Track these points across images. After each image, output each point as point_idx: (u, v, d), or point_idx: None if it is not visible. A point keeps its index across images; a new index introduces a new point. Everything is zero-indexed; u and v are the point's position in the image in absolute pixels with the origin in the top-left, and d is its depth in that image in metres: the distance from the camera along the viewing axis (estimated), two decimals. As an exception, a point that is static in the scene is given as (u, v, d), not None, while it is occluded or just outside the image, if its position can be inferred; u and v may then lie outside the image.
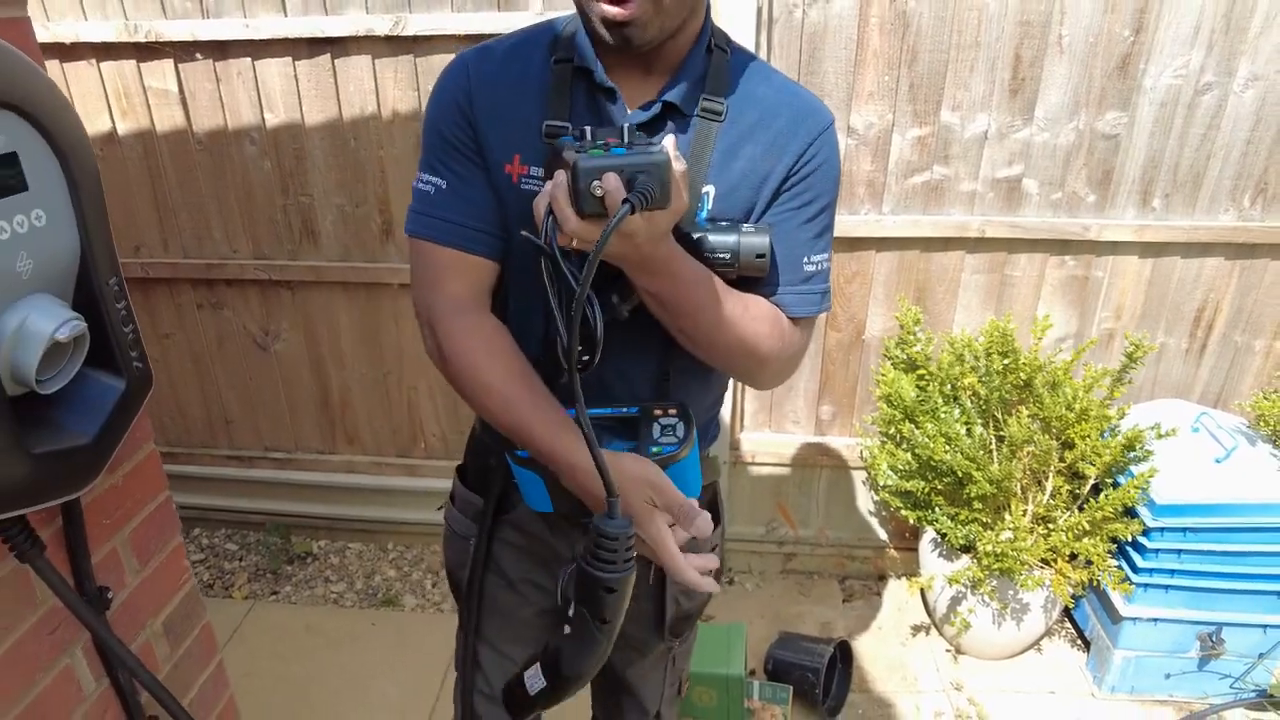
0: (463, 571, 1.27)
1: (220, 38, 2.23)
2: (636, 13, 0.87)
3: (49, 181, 0.84)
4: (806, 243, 1.04)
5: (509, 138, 1.01)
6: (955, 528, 2.17)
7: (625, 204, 0.77)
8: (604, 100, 0.99)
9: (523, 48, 1.04)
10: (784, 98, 1.03)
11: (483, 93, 1.01)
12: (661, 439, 1.00)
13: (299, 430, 2.74)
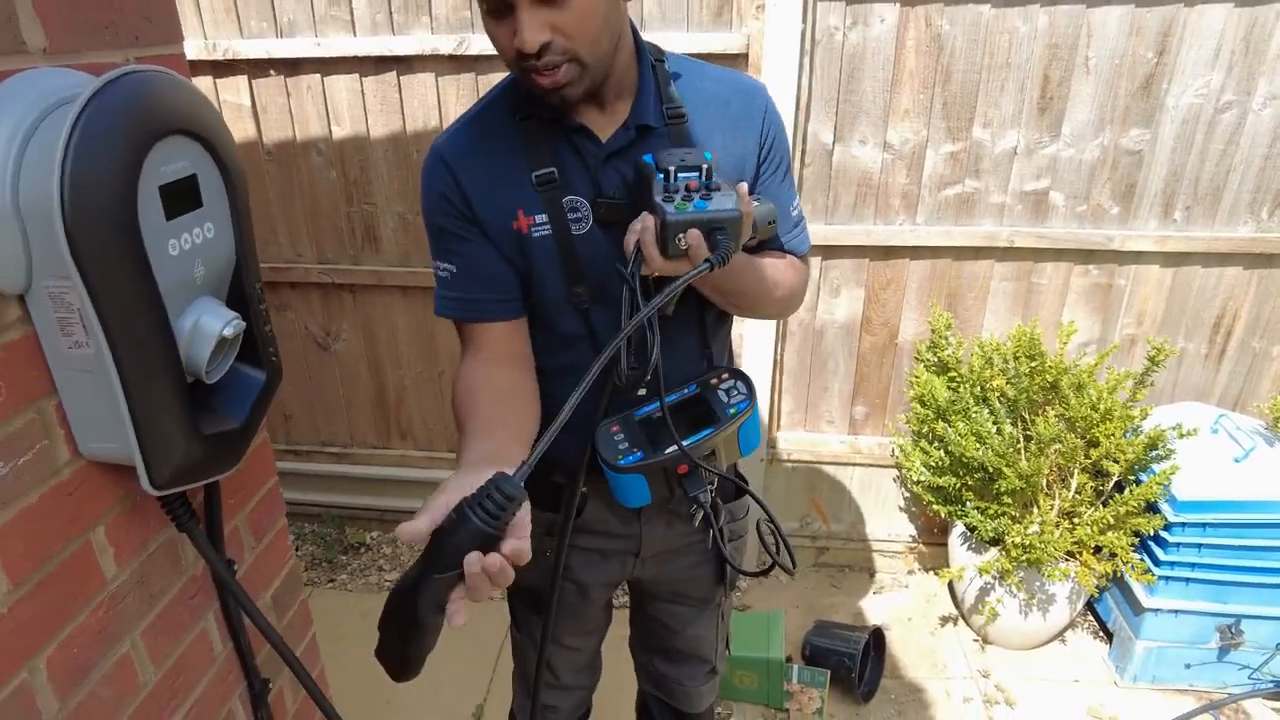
0: (538, 582, 1.34)
1: (292, 55, 2.38)
2: (562, 79, 0.99)
3: (216, 197, 0.97)
4: (787, 194, 1.24)
5: (505, 200, 1.12)
6: (985, 521, 2.29)
7: (706, 263, 0.94)
8: (579, 138, 1.11)
9: (486, 115, 1.15)
10: (726, 86, 1.18)
11: (465, 175, 1.11)
12: (732, 400, 1.16)
13: (355, 426, 2.88)
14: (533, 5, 0.94)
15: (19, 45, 0.81)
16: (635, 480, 1.16)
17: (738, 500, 1.40)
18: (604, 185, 1.11)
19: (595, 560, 1.37)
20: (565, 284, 1.15)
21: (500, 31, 0.98)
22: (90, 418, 0.89)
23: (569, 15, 0.95)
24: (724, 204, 0.96)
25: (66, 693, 0.93)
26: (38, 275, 0.81)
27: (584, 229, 1.13)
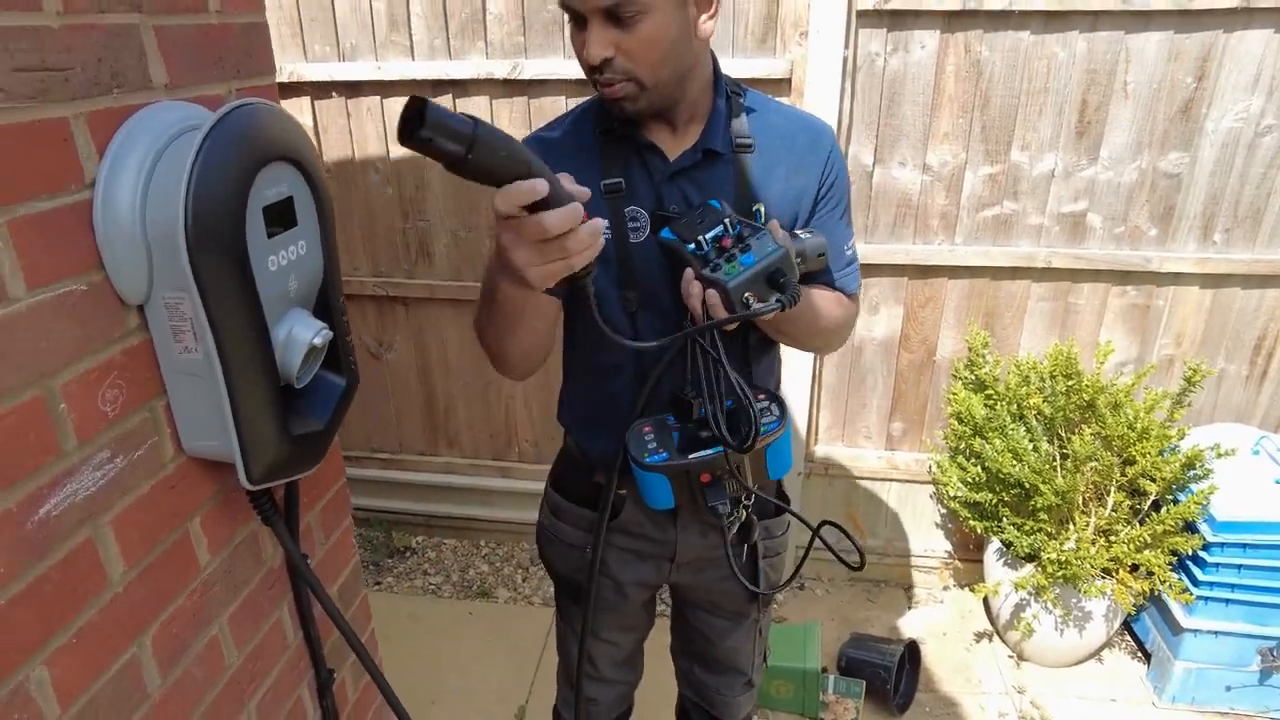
0: (576, 575, 1.46)
1: (354, 79, 2.50)
2: (620, 93, 1.10)
3: (308, 217, 1.06)
4: (843, 233, 1.30)
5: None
6: (1021, 537, 2.31)
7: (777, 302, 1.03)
8: (648, 154, 1.21)
9: (575, 124, 1.27)
10: (794, 123, 1.26)
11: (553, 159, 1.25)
12: (764, 420, 1.20)
13: (404, 433, 2.99)
14: (602, 24, 1.04)
15: (146, 82, 0.91)
16: (658, 480, 1.22)
17: (776, 518, 1.43)
18: (665, 200, 1.20)
19: (631, 560, 1.43)
20: (617, 287, 1.24)
21: (578, 41, 1.10)
22: (194, 417, 0.99)
23: (633, 40, 1.05)
24: (765, 248, 1.03)
25: (166, 669, 1.01)
26: (157, 287, 0.90)
27: (640, 238, 1.22)
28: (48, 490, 0.82)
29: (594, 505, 1.38)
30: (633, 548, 1.43)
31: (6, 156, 0.75)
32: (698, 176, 1.20)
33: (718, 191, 1.20)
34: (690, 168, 1.20)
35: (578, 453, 1.45)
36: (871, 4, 2.21)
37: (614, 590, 1.46)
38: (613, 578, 1.45)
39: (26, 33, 0.76)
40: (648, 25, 1.04)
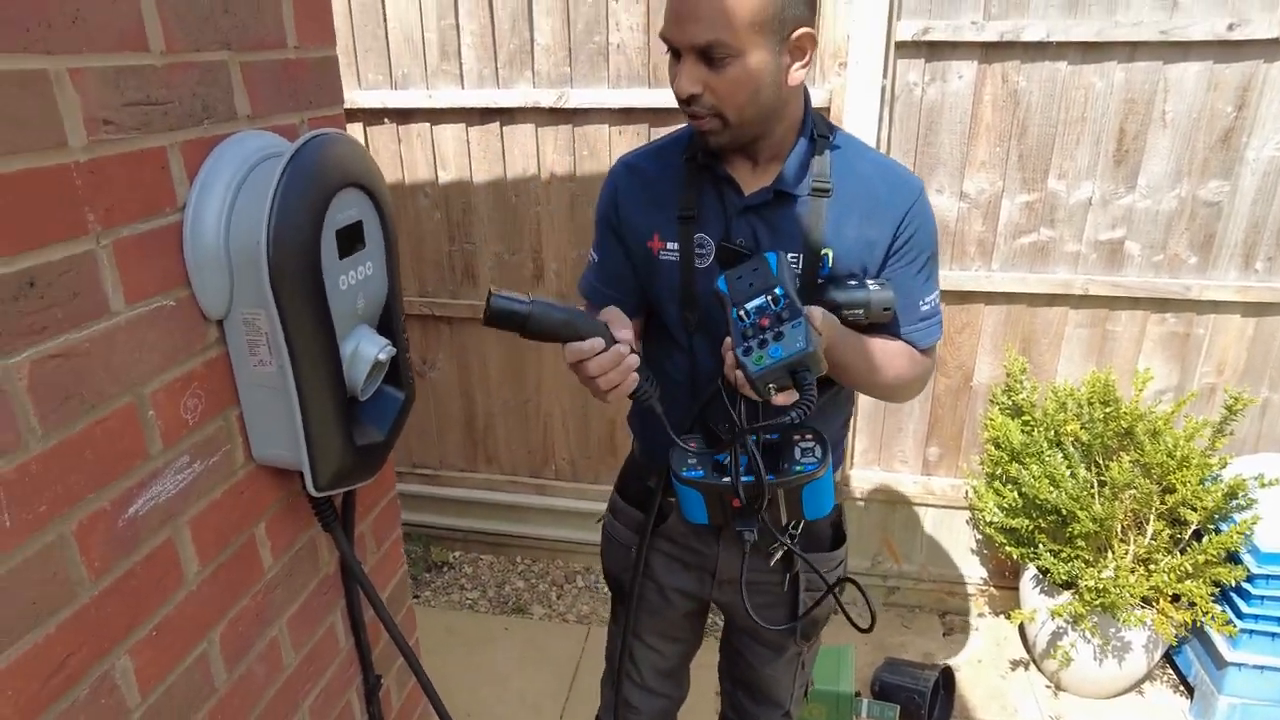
0: (623, 575, 1.52)
1: (405, 106, 2.60)
2: (705, 127, 1.16)
3: (375, 240, 1.12)
4: (920, 288, 1.29)
5: (649, 223, 1.30)
6: (1058, 564, 2.30)
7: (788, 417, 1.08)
8: (725, 187, 1.26)
9: (665, 149, 1.34)
10: (880, 172, 1.26)
11: (624, 194, 1.34)
12: (803, 460, 1.21)
13: (445, 449, 3.05)
14: (695, 61, 1.10)
15: (232, 113, 0.99)
16: (693, 495, 1.26)
17: (825, 553, 1.42)
18: (733, 233, 1.25)
19: (676, 567, 1.48)
20: (679, 306, 1.30)
21: (673, 71, 1.15)
22: (264, 427, 1.05)
23: (721, 80, 1.10)
24: (794, 344, 1.07)
25: (232, 665, 1.07)
26: (236, 304, 0.97)
27: (705, 264, 1.27)
28: (136, 491, 0.89)
29: (644, 508, 1.44)
30: (676, 555, 1.47)
31: (115, 182, 0.82)
32: (768, 215, 1.24)
33: (787, 232, 1.23)
34: (761, 206, 1.23)
35: (638, 453, 1.51)
36: (910, 36, 2.26)
37: (657, 593, 1.50)
38: (656, 580, 1.49)
39: (136, 71, 0.83)
40: (737, 69, 1.09)
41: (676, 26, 1.10)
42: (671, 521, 1.44)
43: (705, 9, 1.06)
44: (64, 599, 0.80)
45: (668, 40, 1.13)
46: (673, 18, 1.10)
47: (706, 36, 1.07)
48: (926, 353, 1.35)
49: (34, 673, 0.77)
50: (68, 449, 0.79)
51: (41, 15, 0.72)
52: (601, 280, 1.39)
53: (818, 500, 1.24)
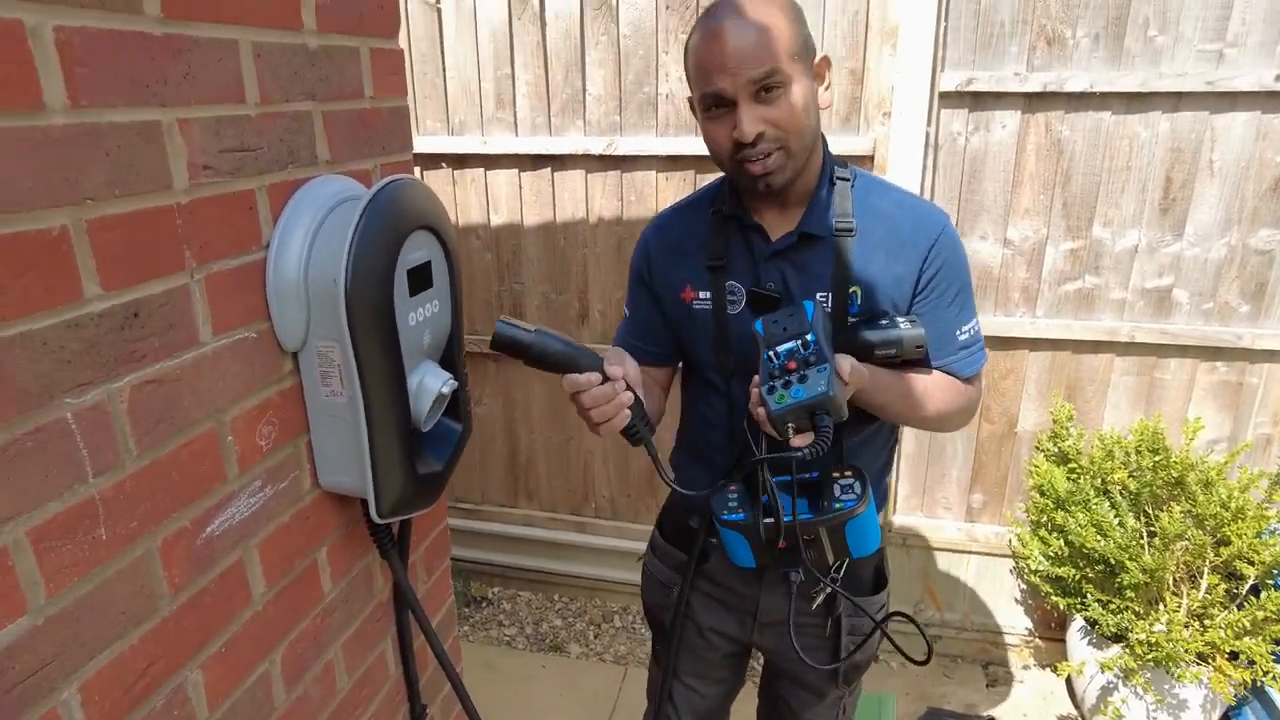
0: (664, 614, 1.53)
1: (460, 151, 2.70)
2: (772, 165, 1.17)
3: (442, 279, 1.17)
4: (954, 319, 1.30)
5: (680, 276, 1.35)
6: (1107, 616, 2.25)
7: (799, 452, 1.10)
8: (752, 235, 1.30)
9: (694, 205, 1.39)
10: (903, 209, 1.29)
11: (656, 251, 1.39)
12: (842, 496, 1.22)
13: (487, 484, 3.10)
14: (751, 102, 1.14)
15: (314, 159, 1.06)
16: (738, 539, 1.27)
17: (868, 597, 1.41)
18: (763, 277, 1.28)
19: (716, 608, 1.48)
20: (714, 352, 1.34)
21: (719, 129, 1.18)
22: (332, 455, 1.10)
23: (779, 111, 1.14)
24: (815, 388, 1.10)
25: (291, 686, 1.11)
26: (312, 336, 1.03)
27: (737, 310, 1.31)
28: (214, 512, 0.94)
29: (686, 547, 1.45)
30: (717, 596, 1.48)
31: (209, 222, 0.88)
32: (796, 258, 1.27)
33: (815, 273, 1.26)
34: (788, 249, 1.27)
35: (679, 495, 1.51)
36: (954, 86, 2.30)
37: (696, 633, 1.51)
38: (696, 621, 1.50)
39: (233, 121, 0.90)
40: (791, 96, 1.14)
41: (728, 75, 1.12)
42: (713, 562, 1.45)
43: (755, 45, 1.11)
44: (147, 611, 0.85)
45: (719, 93, 1.14)
46: (720, 68, 1.13)
47: (762, 68, 1.11)
48: (971, 381, 1.35)
49: (118, 680, 0.82)
50: (157, 470, 0.85)
51: (160, 72, 0.80)
52: (633, 334, 1.44)
53: (862, 538, 1.24)
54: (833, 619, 1.41)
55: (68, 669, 0.76)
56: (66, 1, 0.70)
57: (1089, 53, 2.22)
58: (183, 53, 0.83)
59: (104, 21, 0.74)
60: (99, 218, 0.75)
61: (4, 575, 0.68)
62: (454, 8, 2.59)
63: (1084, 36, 2.21)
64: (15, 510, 0.69)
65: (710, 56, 1.14)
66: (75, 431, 0.75)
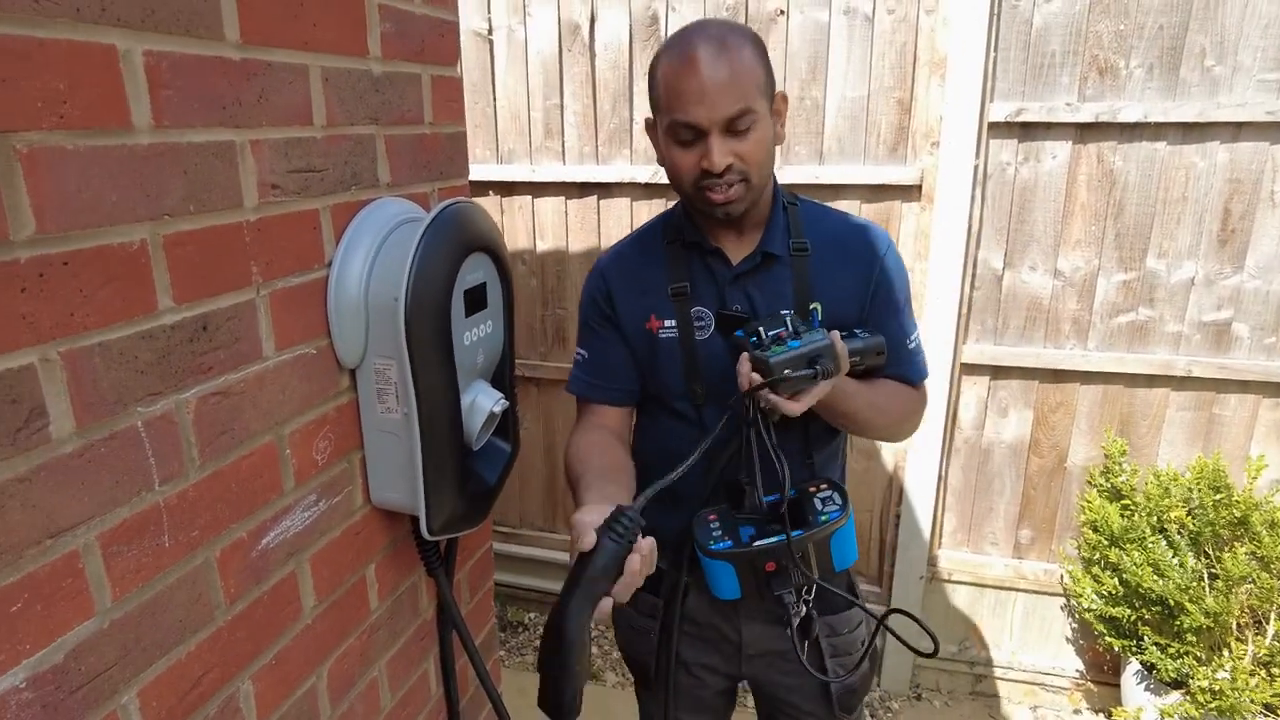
0: (647, 659, 1.48)
1: (509, 179, 2.75)
2: (734, 195, 1.20)
3: (496, 301, 1.19)
4: (902, 328, 1.35)
5: (644, 306, 1.34)
6: (1165, 660, 2.17)
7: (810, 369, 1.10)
8: (713, 260, 1.31)
9: (644, 238, 1.39)
10: (849, 228, 1.35)
11: (617, 285, 1.37)
12: (825, 509, 1.23)
13: (525, 508, 3.10)
14: (722, 135, 1.16)
15: (375, 181, 1.08)
16: (724, 568, 1.24)
17: (841, 614, 1.40)
18: (728, 300, 1.30)
19: (700, 646, 1.45)
20: (684, 380, 1.33)
21: (685, 156, 1.19)
22: (384, 471, 1.11)
23: (747, 145, 1.17)
24: (813, 337, 1.12)
25: (336, 701, 1.11)
26: (370, 354, 1.05)
27: (706, 335, 1.31)
28: (270, 524, 0.95)
29: (658, 591, 1.41)
30: (699, 635, 1.45)
31: (276, 239, 0.91)
32: (758, 278, 1.29)
33: (777, 292, 1.29)
34: (751, 270, 1.29)
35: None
36: (1003, 117, 2.29)
37: (685, 673, 1.48)
38: (682, 660, 1.46)
39: (301, 142, 0.93)
40: (759, 131, 1.17)
41: (704, 107, 1.13)
42: (691, 601, 1.41)
43: (731, 83, 1.13)
44: (204, 620, 0.86)
45: (693, 124, 1.15)
46: (697, 100, 1.13)
47: (737, 107, 1.13)
48: (919, 388, 1.41)
49: (174, 687, 0.83)
50: (218, 480, 0.87)
51: (235, 94, 0.83)
52: (592, 374, 1.42)
53: (844, 549, 1.25)
54: (809, 641, 1.37)
55: (128, 673, 0.77)
56: (156, 27, 0.73)
57: (1143, 83, 2.20)
58: (257, 76, 0.86)
59: (189, 46, 0.77)
60: (175, 233, 0.78)
61: (74, 578, 0.70)
62: (505, 39, 2.65)
63: (1137, 67, 2.19)
64: (88, 514, 0.71)
65: (685, 87, 1.14)
66: (145, 440, 0.77)
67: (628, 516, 0.94)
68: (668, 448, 1.37)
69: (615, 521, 0.94)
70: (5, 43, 0.62)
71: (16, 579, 0.66)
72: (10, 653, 0.65)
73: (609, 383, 1.41)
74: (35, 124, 0.64)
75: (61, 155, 0.66)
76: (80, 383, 0.69)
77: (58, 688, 0.70)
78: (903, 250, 2.48)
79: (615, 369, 1.40)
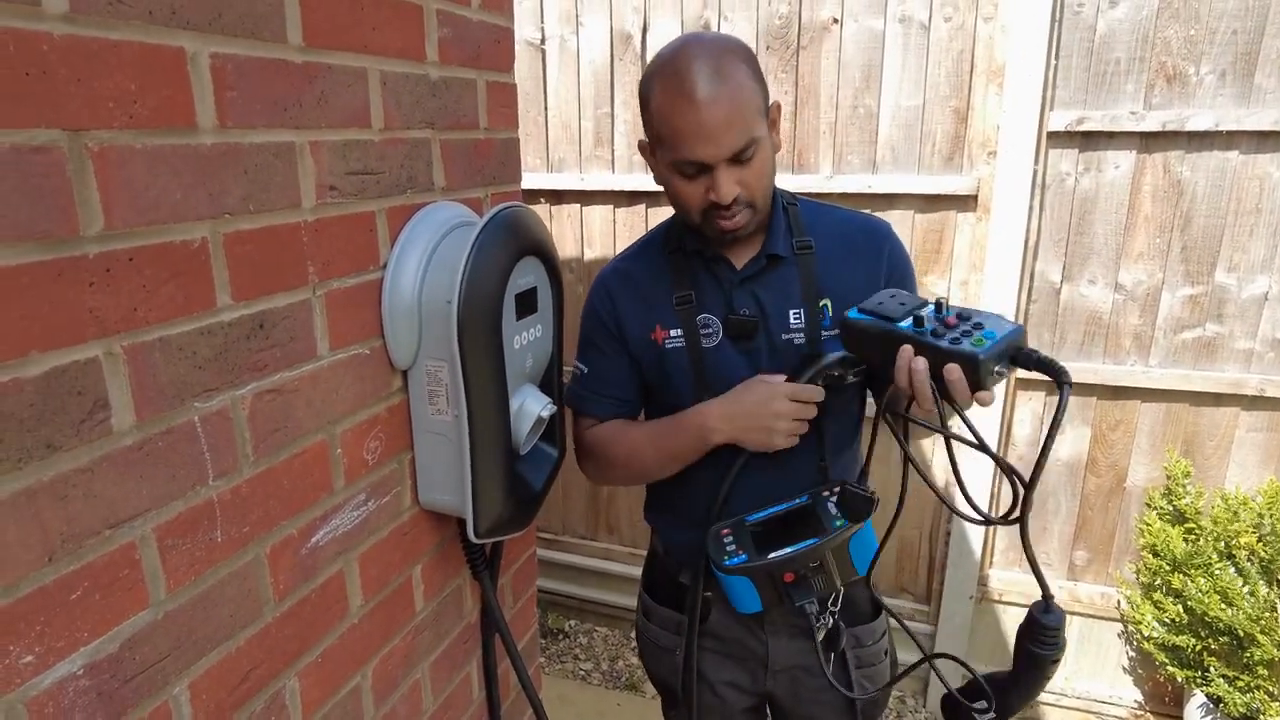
0: (672, 679, 1.45)
1: (559, 187, 2.76)
2: (741, 221, 1.19)
3: (546, 305, 1.19)
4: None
5: (648, 317, 1.32)
6: (1233, 694, 2.07)
7: (1068, 386, 0.93)
8: (717, 266, 1.28)
9: (644, 251, 1.38)
10: (850, 223, 1.33)
11: (621, 298, 1.35)
12: (839, 515, 1.20)
13: (568, 515, 3.10)
14: (728, 166, 1.14)
15: (430, 185, 1.09)
16: (743, 583, 1.22)
17: (867, 625, 1.38)
18: (735, 305, 1.27)
19: (725, 663, 1.42)
20: (694, 390, 1.30)
21: (692, 188, 1.17)
22: (433, 473, 1.11)
23: (751, 173, 1.15)
24: (1003, 325, 0.99)
25: (380, 702, 1.12)
26: (422, 355, 1.05)
27: (714, 342, 1.28)
28: (320, 522, 0.96)
29: (681, 607, 1.39)
30: (724, 651, 1.42)
31: (332, 240, 0.92)
32: (764, 280, 1.27)
33: (785, 292, 1.26)
34: (757, 273, 1.27)
35: (662, 552, 1.48)
36: (1063, 126, 2.23)
37: (710, 693, 1.45)
38: (706, 678, 1.43)
39: (359, 145, 0.94)
40: (760, 156, 1.15)
41: (710, 145, 1.11)
42: (715, 617, 1.38)
43: (734, 118, 1.10)
44: (253, 615, 0.87)
45: (699, 161, 1.13)
46: (701, 138, 1.11)
47: (742, 140, 1.11)
48: None
49: (224, 681, 0.84)
50: (270, 477, 0.88)
51: (296, 96, 0.84)
52: (594, 388, 1.39)
53: (863, 551, 1.22)
54: (836, 655, 1.35)
55: (180, 665, 0.78)
56: (223, 30, 0.75)
57: (1214, 90, 2.12)
58: (318, 79, 0.87)
59: (253, 49, 0.78)
60: (235, 232, 0.79)
61: (131, 568, 0.71)
62: (558, 48, 2.67)
63: (1208, 73, 2.11)
64: (145, 506, 0.72)
65: (687, 125, 1.11)
66: (201, 435, 0.78)
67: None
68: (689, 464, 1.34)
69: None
70: (82, 44, 0.63)
71: (77, 567, 0.67)
72: (69, 640, 0.67)
73: (608, 396, 1.39)
74: (106, 123, 0.66)
75: (130, 154, 0.68)
76: (141, 377, 0.71)
77: (113, 676, 0.71)
78: (957, 262, 2.42)
79: (621, 381, 1.38)
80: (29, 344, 0.62)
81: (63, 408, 0.64)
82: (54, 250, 0.63)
